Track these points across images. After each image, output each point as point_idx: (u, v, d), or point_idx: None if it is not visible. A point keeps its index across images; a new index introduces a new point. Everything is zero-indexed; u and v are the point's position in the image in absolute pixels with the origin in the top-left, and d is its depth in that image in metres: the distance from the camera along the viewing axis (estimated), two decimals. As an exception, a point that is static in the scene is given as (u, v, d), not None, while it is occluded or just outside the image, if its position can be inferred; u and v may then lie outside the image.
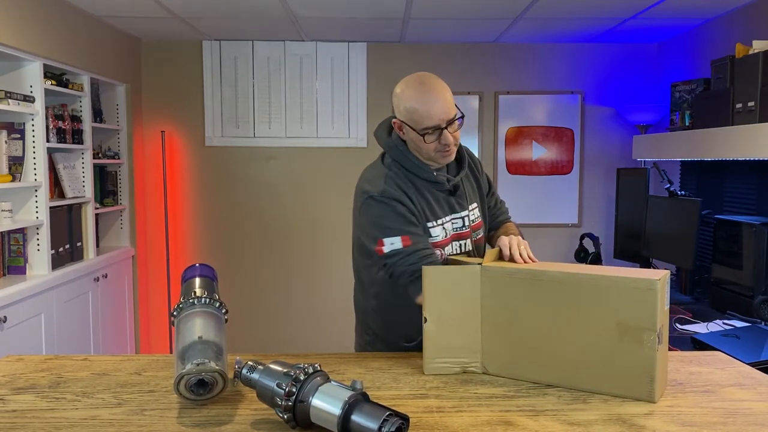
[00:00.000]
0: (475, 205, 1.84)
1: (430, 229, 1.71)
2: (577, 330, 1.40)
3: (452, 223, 1.77)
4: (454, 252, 1.76)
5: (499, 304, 1.49)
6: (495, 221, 1.97)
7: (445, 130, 1.65)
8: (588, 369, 1.39)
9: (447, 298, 1.50)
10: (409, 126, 1.67)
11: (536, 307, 1.45)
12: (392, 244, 1.64)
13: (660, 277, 1.33)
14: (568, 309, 1.40)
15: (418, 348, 1.72)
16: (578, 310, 1.39)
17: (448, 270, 1.54)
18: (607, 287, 1.37)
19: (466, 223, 1.79)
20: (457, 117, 1.66)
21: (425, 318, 1.50)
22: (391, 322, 1.81)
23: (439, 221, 1.73)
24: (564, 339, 1.41)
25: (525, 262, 1.55)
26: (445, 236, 1.74)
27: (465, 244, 1.79)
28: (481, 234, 1.85)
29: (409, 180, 1.73)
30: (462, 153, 1.82)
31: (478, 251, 1.82)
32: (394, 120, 1.73)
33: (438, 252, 1.71)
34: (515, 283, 1.48)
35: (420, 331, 1.62)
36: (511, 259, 1.56)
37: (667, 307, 1.37)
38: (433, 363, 1.51)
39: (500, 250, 1.59)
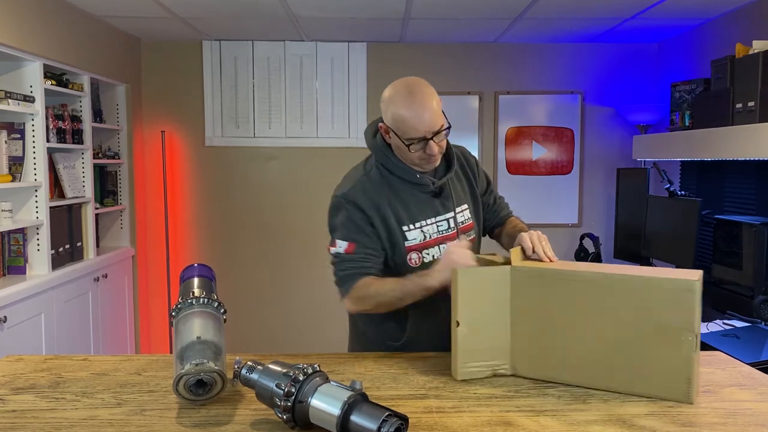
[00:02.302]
0: (465, 206, 1.81)
1: (406, 233, 1.70)
2: (611, 330, 1.37)
3: (436, 225, 1.74)
4: (440, 255, 1.72)
5: (529, 304, 1.47)
6: (497, 217, 1.95)
7: (431, 141, 1.63)
8: (622, 370, 1.37)
9: (478, 299, 1.48)
10: (395, 133, 1.66)
11: (568, 308, 1.43)
12: (339, 247, 1.70)
13: (698, 277, 1.32)
14: (601, 309, 1.38)
15: (403, 348, 1.73)
16: (612, 311, 1.37)
17: (479, 271, 1.52)
18: (642, 288, 1.35)
19: (451, 225, 1.77)
20: (443, 128, 1.64)
21: (457, 322, 1.45)
22: (376, 321, 1.80)
23: (418, 224, 1.72)
24: (597, 339, 1.39)
25: (550, 260, 1.55)
26: (425, 239, 1.72)
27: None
28: (472, 236, 1.81)
29: (388, 184, 1.72)
30: (451, 153, 1.79)
31: None
32: (380, 124, 1.72)
33: (415, 256, 1.70)
34: (546, 284, 1.46)
35: (404, 331, 1.63)
36: (536, 256, 1.55)
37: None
38: (465, 368, 1.46)
39: (523, 248, 1.57)
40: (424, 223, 1.73)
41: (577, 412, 1.28)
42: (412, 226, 1.71)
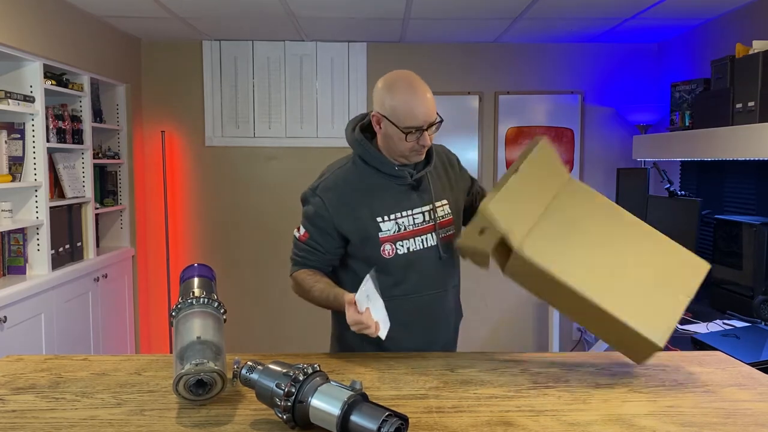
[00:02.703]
0: (444, 201, 1.82)
1: (380, 224, 1.73)
2: (626, 260, 1.54)
3: (412, 218, 1.76)
4: (417, 248, 1.76)
5: (569, 207, 1.60)
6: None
7: (425, 132, 1.68)
8: (618, 294, 1.47)
9: (540, 171, 1.61)
10: (391, 122, 1.68)
11: (599, 226, 1.59)
12: (298, 231, 1.83)
13: (708, 268, 1.57)
14: (626, 242, 1.58)
15: (380, 345, 1.70)
16: (634, 247, 1.57)
17: (555, 153, 1.68)
18: (666, 249, 1.59)
19: (427, 218, 1.77)
20: (437, 120, 1.69)
21: (517, 168, 1.55)
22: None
23: (392, 216, 1.74)
24: (611, 261, 1.53)
25: None
26: (399, 230, 1.74)
27: (426, 239, 1.77)
28: (451, 231, 1.82)
29: (364, 177, 1.77)
30: (430, 150, 1.82)
31: (445, 250, 1.79)
32: (373, 114, 1.74)
33: (388, 246, 1.73)
34: (591, 200, 1.64)
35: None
36: None
37: None
38: (495, 204, 1.48)
39: None
40: (399, 215, 1.75)
41: (577, 412, 1.28)
42: (386, 218, 1.74)
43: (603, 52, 4.39)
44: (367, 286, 1.55)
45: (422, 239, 1.77)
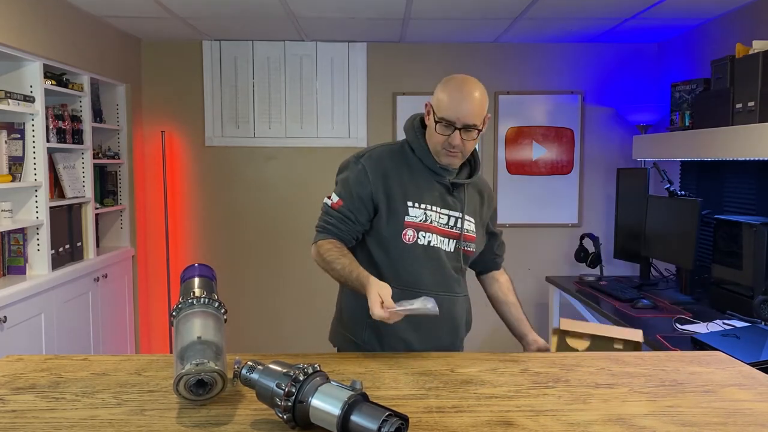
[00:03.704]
0: (472, 219, 1.86)
1: (410, 208, 1.75)
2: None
3: (439, 215, 1.78)
4: (438, 245, 1.78)
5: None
6: (491, 258, 2.03)
7: (457, 131, 1.69)
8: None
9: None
10: (433, 110, 1.73)
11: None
12: (331, 199, 1.78)
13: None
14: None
15: (377, 324, 1.73)
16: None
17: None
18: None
19: (452, 224, 1.80)
20: (476, 127, 1.70)
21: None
22: (357, 296, 1.84)
23: (423, 206, 1.76)
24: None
25: None
26: (426, 221, 1.76)
27: (448, 242, 1.80)
28: (471, 248, 1.85)
29: (408, 161, 1.79)
30: (476, 165, 1.88)
31: (463, 260, 1.84)
32: (427, 101, 1.79)
33: (411, 232, 1.74)
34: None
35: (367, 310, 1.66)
36: None
37: None
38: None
39: None
40: (429, 207, 1.77)
41: (577, 412, 1.28)
42: (417, 205, 1.76)
43: (603, 52, 4.39)
44: (415, 305, 1.54)
45: (444, 240, 1.79)
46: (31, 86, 3.08)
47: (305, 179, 4.38)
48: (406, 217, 1.74)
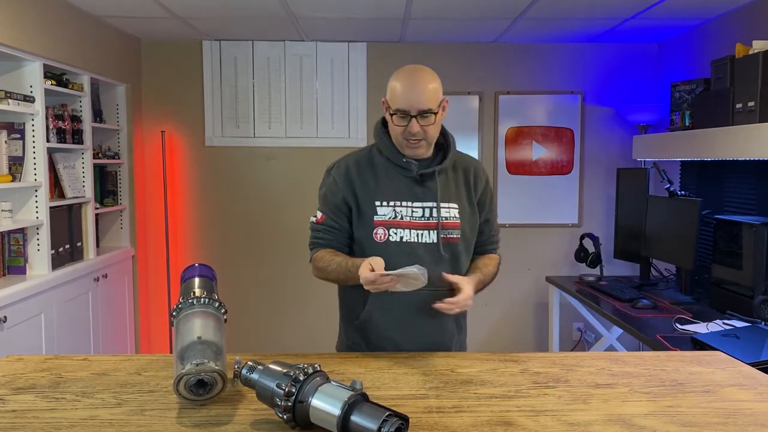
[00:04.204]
0: (453, 205, 1.81)
1: (377, 207, 1.77)
2: None
3: (411, 209, 1.77)
4: (413, 240, 1.76)
5: None
6: (482, 248, 1.94)
7: (414, 119, 1.70)
8: None
9: None
10: (388, 104, 1.76)
11: None
12: (315, 216, 1.86)
13: None
14: None
15: (365, 324, 1.80)
16: None
17: None
18: None
19: (428, 215, 1.77)
20: (431, 111, 1.70)
21: None
22: (341, 297, 1.94)
23: (392, 203, 1.77)
24: None
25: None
26: (396, 217, 1.76)
27: (424, 234, 1.77)
28: (455, 235, 1.79)
29: (375, 163, 1.82)
30: (448, 150, 1.83)
31: (445, 249, 1.78)
32: (383, 99, 1.80)
33: (381, 231, 1.76)
34: None
35: (364, 306, 1.74)
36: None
37: None
38: None
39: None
40: (398, 203, 1.78)
41: (577, 412, 1.28)
42: (385, 203, 1.78)
43: (603, 52, 4.39)
44: (404, 270, 1.55)
45: (420, 233, 1.77)
46: (31, 86, 3.08)
47: (305, 179, 4.38)
48: (374, 216, 1.76)
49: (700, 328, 2.63)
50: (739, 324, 2.60)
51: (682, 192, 3.51)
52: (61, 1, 3.31)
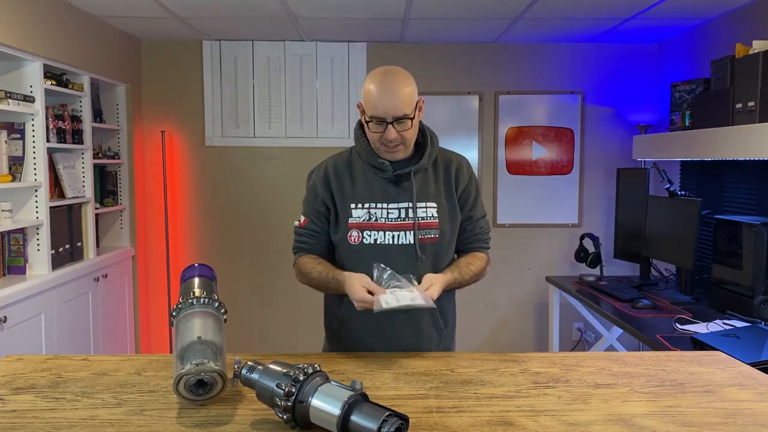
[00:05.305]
0: (432, 204, 1.77)
1: (352, 210, 1.77)
2: None
3: (387, 211, 1.76)
4: (387, 242, 1.74)
5: None
6: (466, 245, 1.88)
7: (390, 126, 1.67)
8: None
9: None
10: (363, 110, 1.73)
11: None
12: (299, 220, 1.87)
13: None
14: None
15: (340, 327, 1.83)
16: None
17: None
18: None
19: (404, 216, 1.75)
20: (407, 116, 1.67)
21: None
22: (324, 300, 1.94)
23: (366, 205, 1.77)
24: None
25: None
26: (370, 219, 1.75)
27: (400, 236, 1.74)
28: (433, 235, 1.76)
29: (352, 165, 1.82)
30: (425, 149, 1.79)
31: (423, 250, 1.75)
32: (358, 102, 1.79)
33: (355, 233, 1.76)
34: None
35: (342, 308, 1.75)
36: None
37: None
38: None
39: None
40: (372, 205, 1.77)
41: (577, 412, 1.28)
42: (360, 205, 1.77)
43: (603, 52, 4.39)
44: (402, 303, 1.56)
45: (395, 235, 1.75)
46: (31, 86, 3.08)
47: (305, 179, 4.37)
48: (349, 219, 1.76)
49: (700, 328, 2.63)
50: (739, 324, 2.60)
51: (682, 192, 3.51)
52: (61, 1, 3.31)
